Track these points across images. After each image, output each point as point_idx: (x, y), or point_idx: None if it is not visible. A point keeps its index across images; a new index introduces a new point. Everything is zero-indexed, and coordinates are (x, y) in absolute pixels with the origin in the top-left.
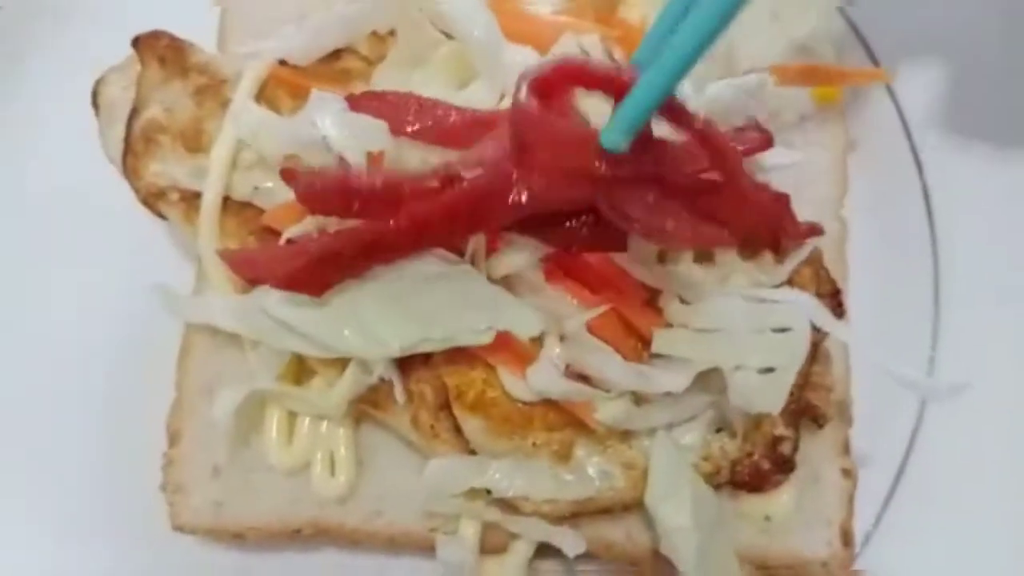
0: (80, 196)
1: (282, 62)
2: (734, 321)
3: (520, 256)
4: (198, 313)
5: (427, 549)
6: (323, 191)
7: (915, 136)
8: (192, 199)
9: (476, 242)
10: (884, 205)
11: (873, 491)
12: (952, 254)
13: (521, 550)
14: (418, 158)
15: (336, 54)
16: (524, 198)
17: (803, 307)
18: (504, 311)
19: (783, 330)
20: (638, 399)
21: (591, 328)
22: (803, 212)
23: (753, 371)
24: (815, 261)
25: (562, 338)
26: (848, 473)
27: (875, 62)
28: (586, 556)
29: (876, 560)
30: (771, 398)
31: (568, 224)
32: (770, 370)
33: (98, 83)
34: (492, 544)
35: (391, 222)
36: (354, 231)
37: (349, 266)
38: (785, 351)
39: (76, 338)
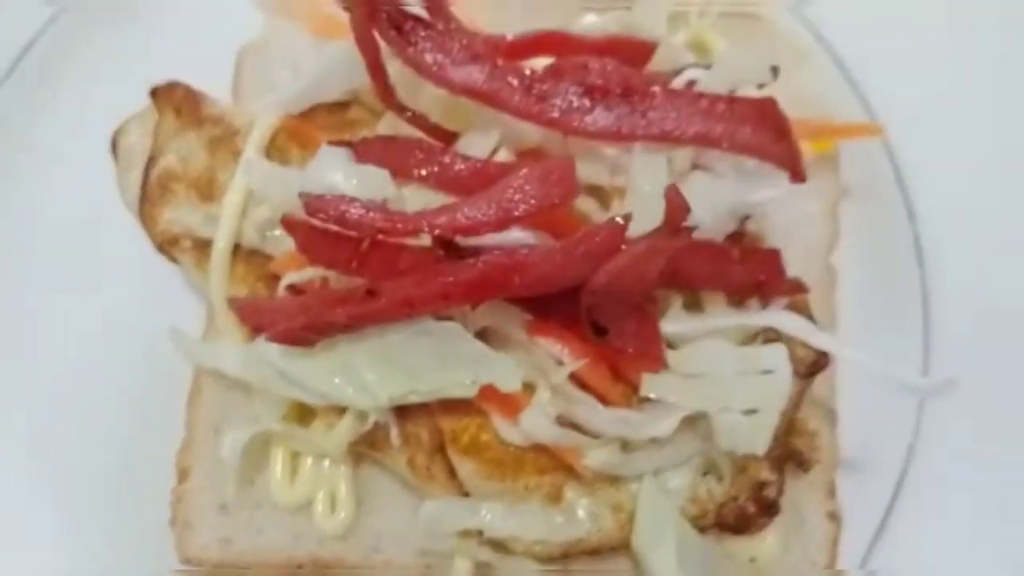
0: (100, 236)
1: None
2: (720, 365)
3: (502, 316)
4: (207, 358)
5: None
6: (322, 245)
7: (909, 186)
8: (204, 246)
9: None
10: (875, 254)
11: (861, 532)
12: (943, 303)
13: None
14: (422, 203)
15: (344, 105)
16: (524, 289)
17: (788, 323)
18: (487, 366)
19: (767, 372)
20: (626, 445)
21: (580, 376)
22: (794, 258)
23: (738, 413)
24: (802, 309)
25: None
26: (833, 516)
27: (870, 113)
28: None
29: None
30: (756, 438)
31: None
32: (754, 411)
33: (117, 132)
34: None
35: (383, 300)
36: (348, 301)
37: (342, 329)
38: (768, 392)
39: (94, 375)
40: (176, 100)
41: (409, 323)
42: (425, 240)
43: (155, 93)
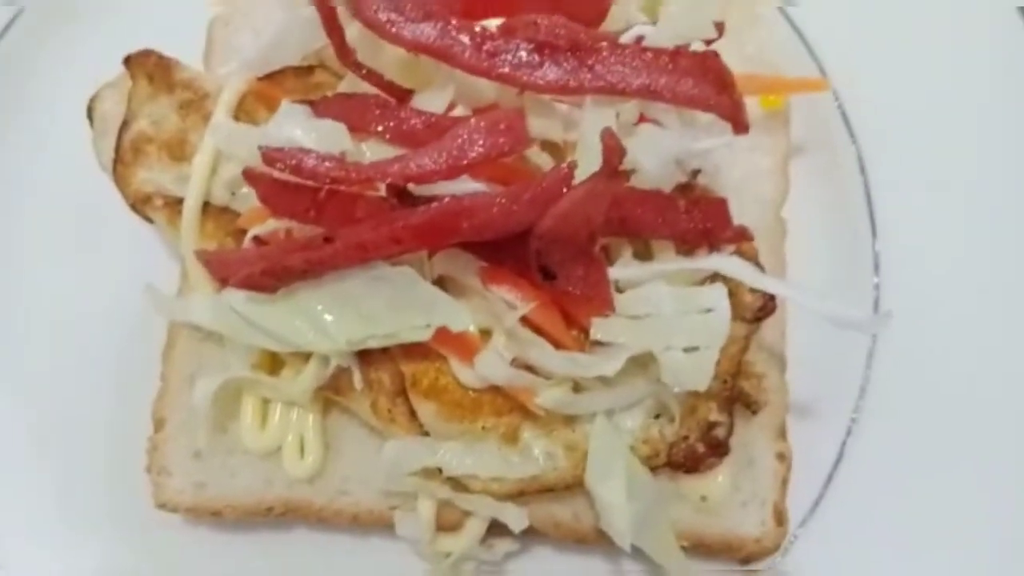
0: (78, 200)
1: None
2: (662, 306)
3: (457, 263)
4: (179, 312)
5: (390, 527)
6: (282, 195)
7: (860, 140)
8: (175, 204)
9: None
10: (826, 207)
11: (814, 474)
12: (893, 254)
13: (474, 527)
14: (380, 157)
15: (310, 70)
16: (472, 233)
17: (732, 267)
18: (439, 309)
19: (707, 312)
20: (577, 386)
21: (534, 322)
22: (745, 211)
23: (679, 351)
24: (750, 256)
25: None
26: (783, 457)
27: (821, 69)
28: (537, 535)
29: (814, 541)
30: (697, 375)
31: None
32: (695, 349)
33: (93, 98)
34: (449, 523)
35: (337, 244)
36: (304, 247)
37: (299, 275)
38: (708, 330)
39: (75, 333)
40: (149, 67)
41: (365, 269)
42: (382, 190)
43: (129, 61)
